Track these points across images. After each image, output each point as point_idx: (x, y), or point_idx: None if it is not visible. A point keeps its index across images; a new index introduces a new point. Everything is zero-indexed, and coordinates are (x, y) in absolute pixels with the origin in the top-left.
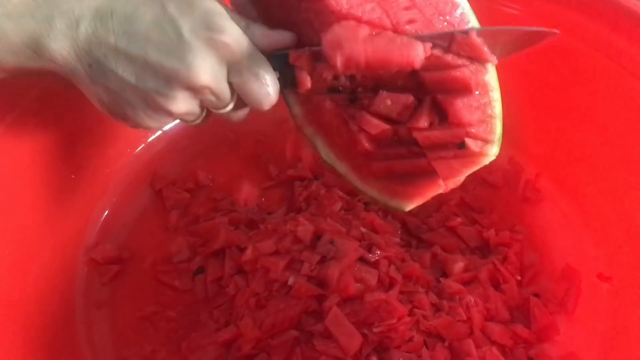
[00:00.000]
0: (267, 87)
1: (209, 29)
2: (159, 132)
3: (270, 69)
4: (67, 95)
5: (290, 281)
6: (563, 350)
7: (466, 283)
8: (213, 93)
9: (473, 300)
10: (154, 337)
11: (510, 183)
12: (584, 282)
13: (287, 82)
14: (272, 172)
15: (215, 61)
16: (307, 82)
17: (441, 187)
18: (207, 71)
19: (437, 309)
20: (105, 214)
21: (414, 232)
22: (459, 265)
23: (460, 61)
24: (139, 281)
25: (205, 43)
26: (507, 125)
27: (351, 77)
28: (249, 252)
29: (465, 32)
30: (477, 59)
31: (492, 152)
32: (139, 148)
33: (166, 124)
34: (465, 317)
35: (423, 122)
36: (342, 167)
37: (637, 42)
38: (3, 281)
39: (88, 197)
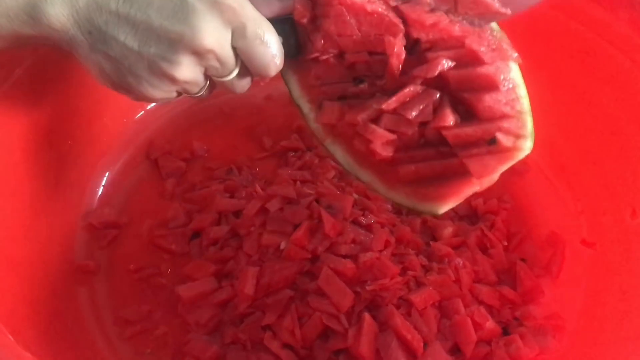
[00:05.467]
0: (272, 50)
1: None
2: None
3: (275, 32)
4: (64, 63)
5: (282, 245)
6: (547, 311)
7: (455, 247)
8: (217, 58)
9: (462, 262)
10: (151, 298)
11: None
12: (568, 248)
13: (290, 50)
14: (266, 144)
15: (220, 24)
16: (318, 41)
17: (476, 185)
18: (212, 34)
19: (427, 270)
20: (103, 180)
21: None
22: (448, 231)
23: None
24: (136, 245)
25: (209, 6)
26: None
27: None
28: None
29: None
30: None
31: (527, 145)
32: (137, 116)
33: (170, 94)
34: (454, 278)
35: (449, 120)
36: (365, 175)
37: (620, 17)
38: (6, 241)
39: (85, 164)
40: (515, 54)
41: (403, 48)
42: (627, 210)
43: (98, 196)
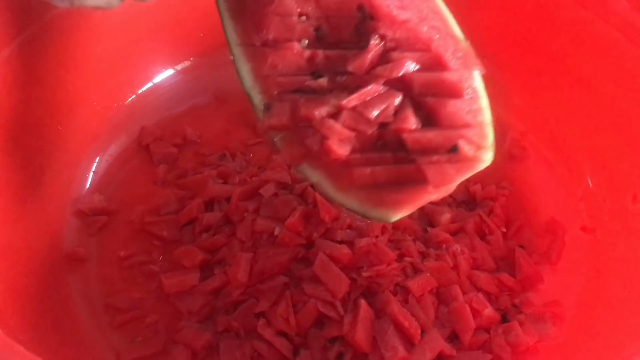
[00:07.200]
0: None
1: None
2: (149, 84)
3: None
4: (53, 46)
5: (277, 231)
6: (546, 298)
7: (453, 233)
8: None
9: (460, 248)
10: (143, 285)
11: (497, 141)
12: (568, 235)
13: None
14: (259, 130)
15: None
16: None
17: (432, 194)
18: None
19: (424, 256)
20: (94, 166)
21: None
22: (445, 217)
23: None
24: (127, 232)
25: None
26: (494, 84)
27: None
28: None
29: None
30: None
31: (487, 157)
32: (128, 100)
33: None
34: (452, 265)
35: (411, 123)
36: (315, 175)
37: None
38: None
39: (75, 149)
40: (479, 64)
41: (381, 44)
42: (627, 196)
43: (88, 182)
